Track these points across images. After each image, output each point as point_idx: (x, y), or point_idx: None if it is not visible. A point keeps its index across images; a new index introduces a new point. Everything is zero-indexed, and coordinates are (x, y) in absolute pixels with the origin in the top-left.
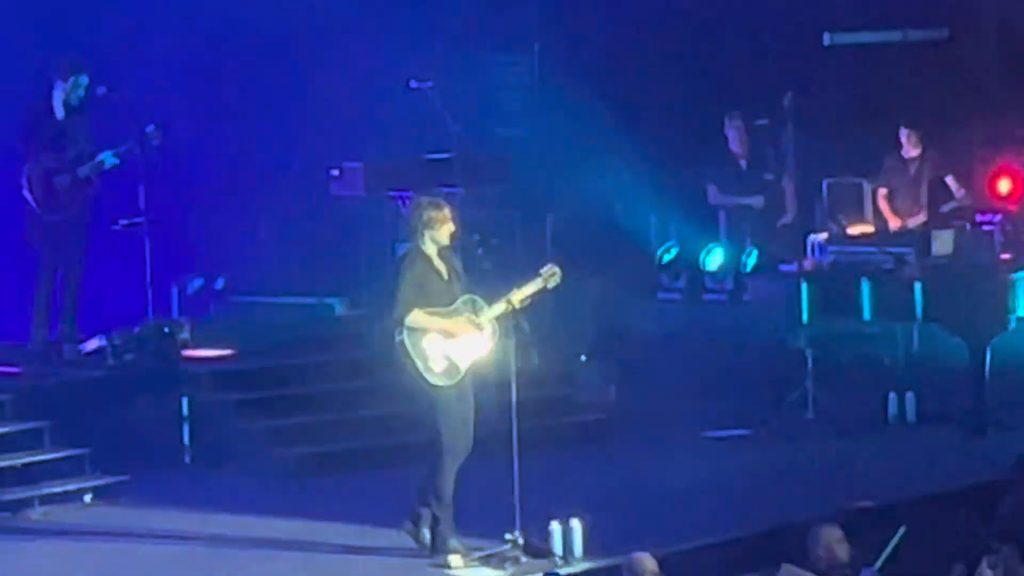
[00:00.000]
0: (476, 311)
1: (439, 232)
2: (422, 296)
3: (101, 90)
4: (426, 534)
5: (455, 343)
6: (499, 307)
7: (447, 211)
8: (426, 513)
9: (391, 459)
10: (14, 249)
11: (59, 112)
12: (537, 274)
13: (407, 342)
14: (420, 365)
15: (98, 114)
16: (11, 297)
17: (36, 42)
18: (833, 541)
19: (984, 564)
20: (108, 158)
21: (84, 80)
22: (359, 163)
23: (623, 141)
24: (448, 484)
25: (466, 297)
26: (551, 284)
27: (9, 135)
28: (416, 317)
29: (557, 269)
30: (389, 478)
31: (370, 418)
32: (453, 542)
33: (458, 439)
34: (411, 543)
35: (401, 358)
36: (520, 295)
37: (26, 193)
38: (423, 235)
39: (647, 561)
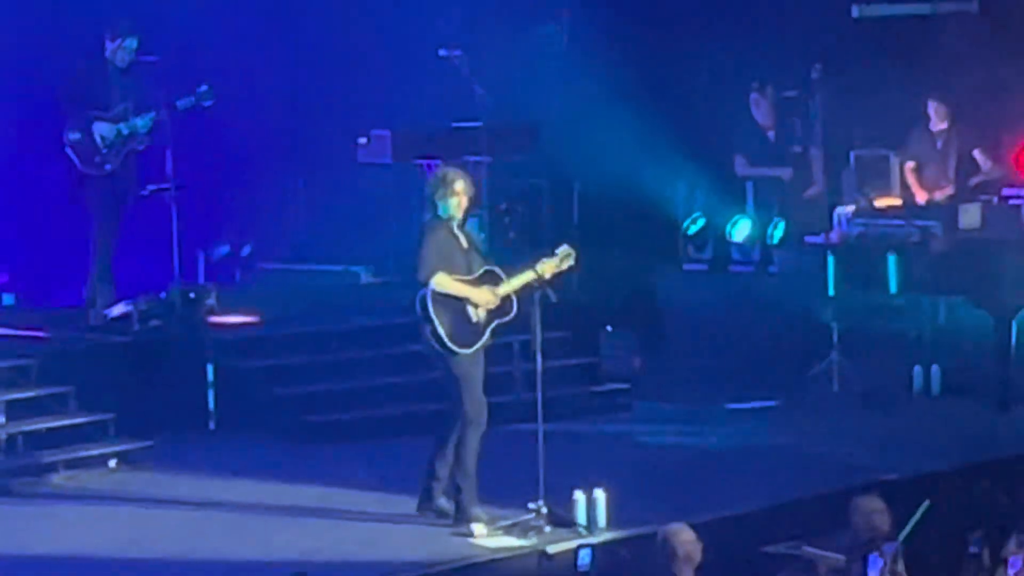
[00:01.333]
0: (495, 283)
1: (448, 202)
2: (444, 262)
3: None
4: (442, 503)
5: (477, 312)
6: (517, 281)
7: (459, 184)
8: (436, 486)
9: (416, 426)
10: (47, 215)
11: (107, 71)
12: (553, 253)
13: (430, 305)
14: (441, 330)
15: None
16: (39, 261)
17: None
18: (873, 511)
19: (1013, 541)
20: (140, 122)
21: (132, 44)
22: (387, 131)
23: (651, 111)
24: (473, 454)
25: (486, 268)
26: (565, 266)
27: (52, 93)
28: (441, 280)
29: (572, 251)
30: (414, 445)
31: (394, 385)
32: (476, 511)
33: (480, 408)
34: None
35: (421, 321)
36: (535, 274)
37: (68, 150)
38: (436, 205)
39: (684, 533)
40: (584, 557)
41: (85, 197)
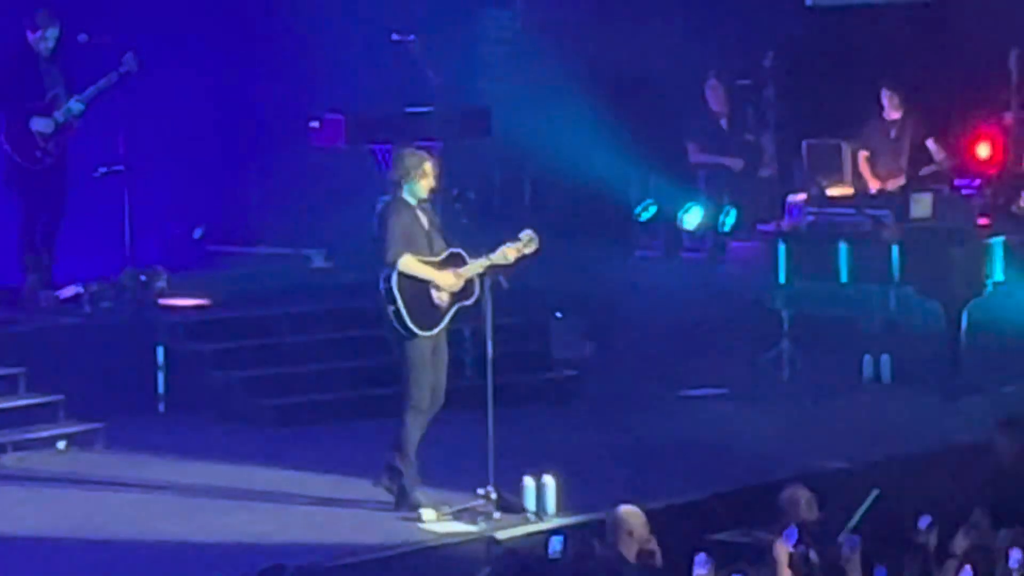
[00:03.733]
0: (459, 265)
1: (418, 185)
2: (409, 243)
3: (82, 38)
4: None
5: (440, 295)
6: (479, 265)
7: (428, 165)
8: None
9: (366, 410)
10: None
11: (34, 62)
12: (516, 239)
13: (395, 287)
14: (404, 311)
15: (79, 62)
16: None
17: None
18: (798, 500)
19: (960, 534)
20: (74, 104)
21: (54, 32)
22: (340, 115)
23: (604, 97)
24: (413, 438)
25: (451, 251)
26: (529, 250)
27: None
28: (407, 262)
29: (535, 235)
30: (364, 430)
31: (345, 369)
32: (418, 495)
33: (427, 394)
34: (386, 496)
35: (385, 303)
36: (498, 258)
37: (3, 141)
38: (403, 186)
39: (634, 516)
40: (555, 544)
41: (21, 188)
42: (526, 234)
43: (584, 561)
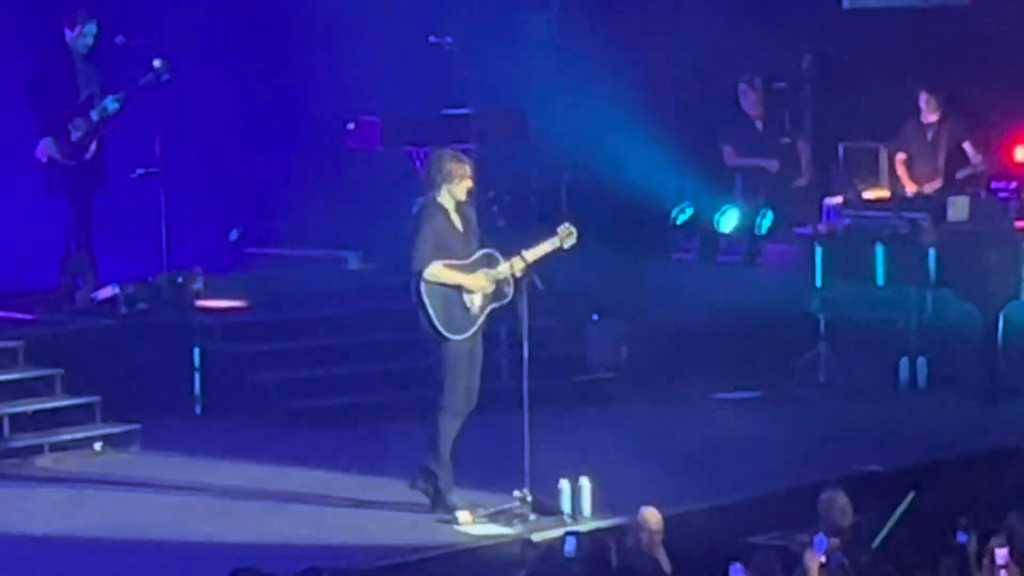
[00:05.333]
0: (492, 266)
1: (457, 187)
2: (440, 249)
3: (119, 39)
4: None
5: (471, 297)
6: (514, 263)
7: (467, 167)
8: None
9: (402, 413)
10: (28, 196)
11: (71, 61)
12: (553, 233)
13: (423, 294)
14: (435, 318)
15: (116, 63)
16: (26, 243)
17: None
18: (833, 506)
19: (996, 538)
20: (110, 103)
21: (92, 29)
22: (376, 117)
23: (640, 100)
24: (448, 440)
25: (483, 252)
26: (567, 244)
27: (18, 83)
28: (434, 269)
29: (573, 229)
30: (400, 432)
31: (382, 371)
32: (453, 497)
33: (461, 397)
34: (421, 498)
35: (417, 308)
36: (534, 253)
37: (44, 145)
38: (441, 189)
39: (651, 516)
40: (570, 543)
41: (62, 187)
42: (564, 228)
43: (599, 561)
